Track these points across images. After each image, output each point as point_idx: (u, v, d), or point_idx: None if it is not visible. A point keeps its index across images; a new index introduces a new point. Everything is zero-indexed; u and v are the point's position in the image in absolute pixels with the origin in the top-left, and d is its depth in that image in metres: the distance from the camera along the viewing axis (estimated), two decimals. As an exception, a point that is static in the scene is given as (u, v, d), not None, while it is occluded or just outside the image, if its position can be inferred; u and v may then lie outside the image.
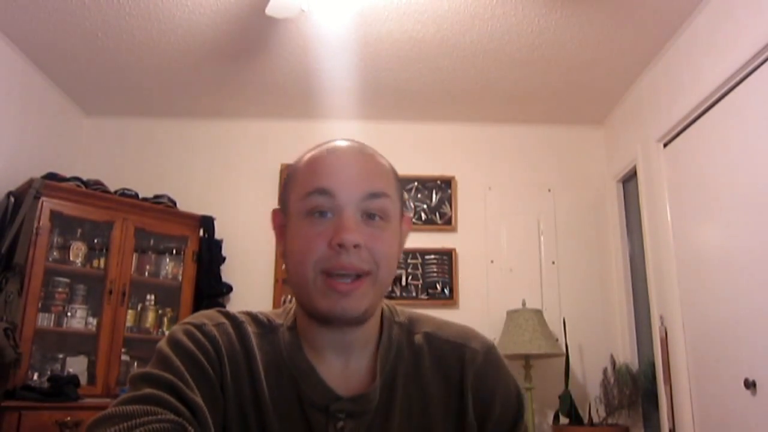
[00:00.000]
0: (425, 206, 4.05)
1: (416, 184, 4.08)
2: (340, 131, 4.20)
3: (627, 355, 3.69)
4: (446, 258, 3.96)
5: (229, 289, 3.85)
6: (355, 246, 0.80)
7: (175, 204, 3.87)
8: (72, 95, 3.97)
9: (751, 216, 2.56)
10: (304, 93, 3.86)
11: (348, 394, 0.86)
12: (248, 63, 3.54)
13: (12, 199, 3.18)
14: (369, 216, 0.84)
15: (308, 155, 0.89)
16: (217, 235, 3.89)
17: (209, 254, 3.78)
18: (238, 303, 3.85)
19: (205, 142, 4.20)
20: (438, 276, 3.93)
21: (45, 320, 3.26)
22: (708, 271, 2.91)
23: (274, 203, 3.29)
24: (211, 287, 3.73)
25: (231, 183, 4.10)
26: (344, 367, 0.89)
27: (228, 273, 3.89)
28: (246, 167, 4.13)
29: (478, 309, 3.87)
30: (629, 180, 3.86)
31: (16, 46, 3.37)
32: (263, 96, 3.94)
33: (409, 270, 3.93)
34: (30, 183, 3.21)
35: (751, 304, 2.54)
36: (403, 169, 4.09)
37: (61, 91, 3.90)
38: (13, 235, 3.04)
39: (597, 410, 3.61)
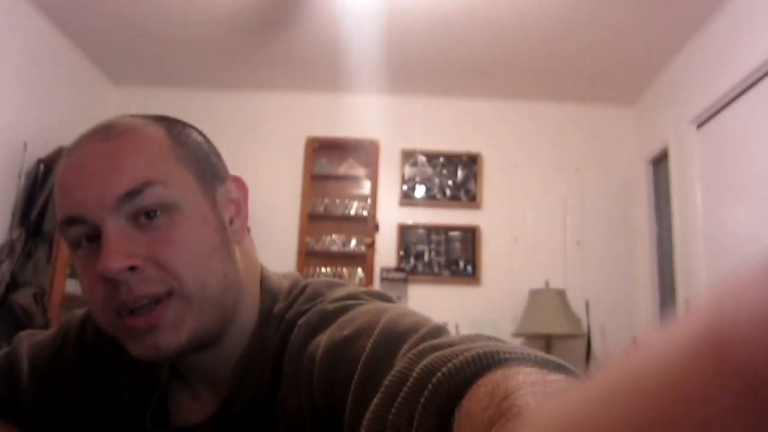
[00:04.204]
0: (450, 182, 4.02)
1: (442, 159, 4.04)
2: (365, 105, 4.19)
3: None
4: (470, 235, 3.94)
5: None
6: (132, 268, 0.60)
7: (200, 175, 3.89)
8: (100, 64, 3.99)
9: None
10: (331, 65, 3.83)
11: (187, 422, 0.71)
12: (275, 34, 3.52)
13: (42, 167, 3.22)
14: (146, 217, 0.62)
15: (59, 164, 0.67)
16: (242, 207, 3.91)
17: (234, 225, 3.80)
18: (261, 275, 3.88)
19: (231, 114, 4.20)
20: (461, 253, 3.91)
21: (73, 286, 3.31)
22: (739, 260, 2.85)
23: (299, 177, 3.28)
24: (235, 258, 3.76)
25: (256, 155, 4.10)
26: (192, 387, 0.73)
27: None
28: (272, 140, 4.13)
29: (500, 288, 3.85)
30: (660, 162, 3.78)
31: (45, 14, 3.39)
32: (290, 68, 3.92)
33: (432, 246, 3.92)
34: (59, 151, 3.24)
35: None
36: (429, 144, 4.09)
37: (90, 60, 3.92)
38: (43, 202, 3.09)
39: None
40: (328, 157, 4.05)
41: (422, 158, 4.04)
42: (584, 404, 0.18)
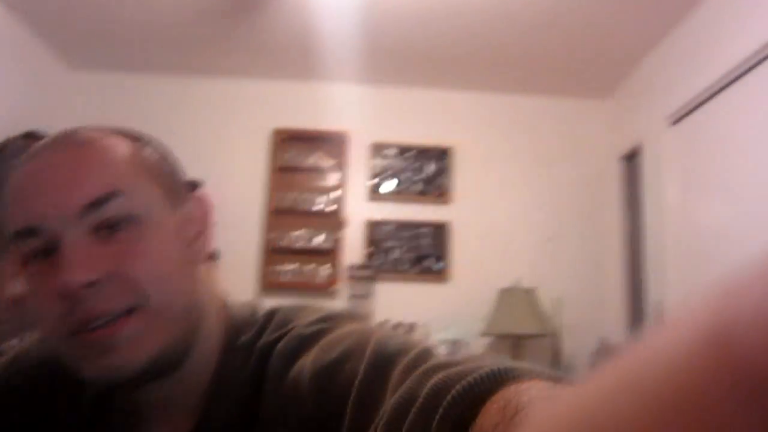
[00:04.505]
0: (421, 176, 3.91)
1: (413, 152, 3.93)
2: (335, 94, 4.05)
3: (619, 338, 3.61)
4: (440, 231, 3.84)
5: (215, 256, 3.74)
6: (92, 283, 0.55)
7: (161, 166, 3.73)
8: (55, 47, 3.79)
9: (759, 205, 2.45)
10: (301, 53, 3.68)
11: None
12: (243, 19, 3.36)
13: (-12, 158, 3.04)
14: (109, 229, 0.58)
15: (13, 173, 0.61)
16: (205, 200, 3.77)
17: (195, 220, 3.66)
18: (225, 271, 3.75)
19: (194, 102, 4.03)
20: (431, 250, 3.82)
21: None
22: (711, 259, 2.80)
23: (264, 169, 3.15)
24: (196, 254, 3.62)
25: (220, 146, 3.94)
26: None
27: (215, 239, 3.77)
28: (236, 130, 3.98)
29: (469, 285, 3.78)
30: (633, 158, 3.72)
31: (-7, -6, 3.18)
32: (257, 54, 3.76)
33: (401, 242, 3.82)
34: (7, 143, 3.06)
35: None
36: (401, 137, 3.98)
37: (43, 42, 3.71)
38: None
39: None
40: (296, 149, 3.91)
41: (392, 151, 3.93)
42: (585, 406, 0.19)
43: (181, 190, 0.67)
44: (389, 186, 3.89)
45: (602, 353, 3.51)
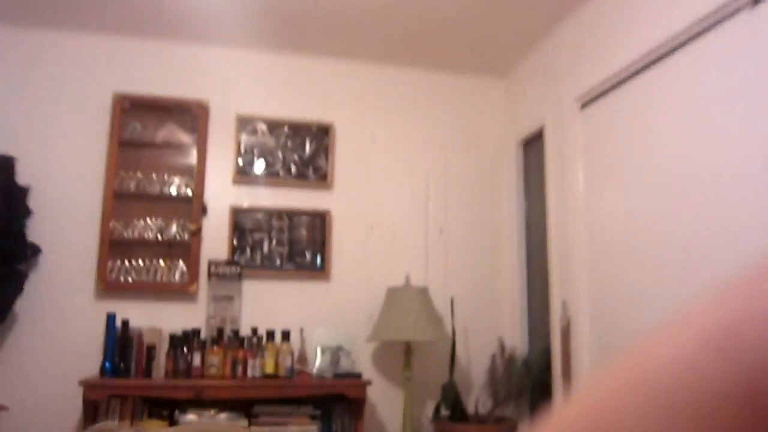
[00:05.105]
0: (296, 157, 3.35)
1: (286, 129, 3.35)
2: (191, 57, 3.38)
3: (516, 339, 3.28)
4: (319, 221, 3.31)
5: (36, 251, 2.97)
6: None
7: (-41, 136, 2.89)
8: None
9: (670, 195, 2.18)
10: (149, 4, 2.98)
11: None
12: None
13: None
14: None
15: None
16: (21, 181, 2.98)
17: (6, 205, 2.86)
18: (49, 269, 2.98)
19: (11, 57, 3.18)
20: (308, 242, 3.28)
21: None
22: (620, 252, 2.51)
23: (102, 141, 2.41)
24: (8, 249, 2.83)
25: (43, 114, 3.14)
26: None
27: (36, 231, 2.99)
28: (66, 94, 3.18)
29: (354, 283, 3.28)
30: (532, 142, 3.39)
31: None
32: (95, 3, 3.00)
33: (274, 233, 3.25)
34: None
35: (667, 292, 2.14)
36: (272, 110, 3.37)
37: None
38: None
39: (484, 402, 3.19)
40: (143, 121, 3.21)
41: (262, 126, 3.33)
42: (593, 407, 0.19)
43: None
44: (258, 167, 3.29)
45: (501, 355, 3.16)
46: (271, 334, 2.96)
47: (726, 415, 0.14)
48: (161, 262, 3.10)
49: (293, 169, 3.33)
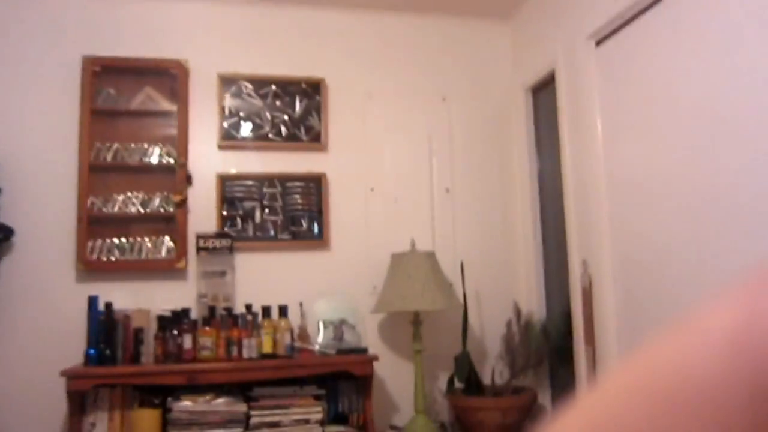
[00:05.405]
0: (286, 117, 3.08)
1: (273, 87, 3.08)
2: (167, 13, 3.09)
3: (533, 304, 3.05)
4: (314, 186, 3.06)
5: (9, 232, 2.74)
6: None
7: None
8: None
9: (699, 140, 1.90)
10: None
11: None
12: None
13: None
14: None
15: None
16: (-14, 157, 2.73)
17: (-29, 185, 2.62)
18: (24, 252, 2.76)
19: (-33, 22, 2.90)
20: (304, 209, 3.04)
21: None
22: (646, 204, 2.25)
23: (73, 110, 2.11)
24: (-24, 232, 2.60)
25: (5, 83, 2.88)
26: None
27: (7, 211, 2.76)
28: (30, 59, 2.91)
29: (355, 252, 3.05)
30: (542, 89, 3.10)
31: None
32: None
33: (266, 201, 3.00)
34: None
35: (696, 246, 1.89)
36: (256, 68, 3.08)
37: None
38: None
39: (500, 372, 2.98)
40: (117, 86, 2.94)
41: (247, 86, 3.05)
42: (605, 407, 0.19)
43: None
44: (244, 130, 3.03)
45: (517, 322, 2.93)
46: (267, 311, 2.74)
47: (732, 416, 0.14)
48: (145, 238, 2.86)
49: (283, 130, 3.07)
